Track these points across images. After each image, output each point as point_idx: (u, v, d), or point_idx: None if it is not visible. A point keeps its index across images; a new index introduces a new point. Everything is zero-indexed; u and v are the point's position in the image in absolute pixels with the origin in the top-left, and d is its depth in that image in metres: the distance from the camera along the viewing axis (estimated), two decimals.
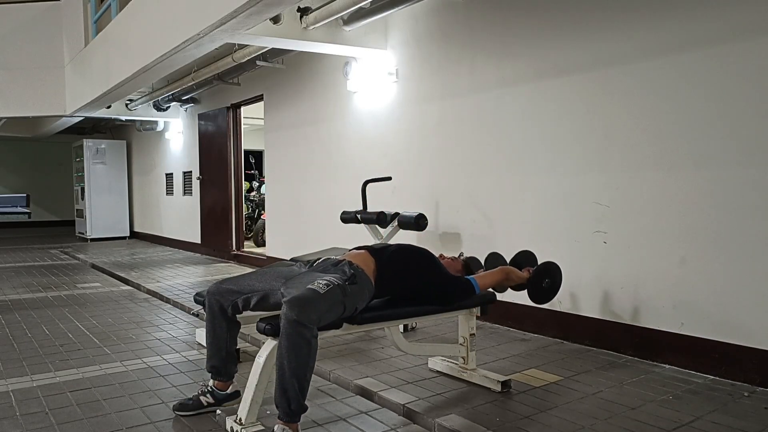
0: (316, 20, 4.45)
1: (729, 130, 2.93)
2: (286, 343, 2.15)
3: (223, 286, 2.58)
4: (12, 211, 6.80)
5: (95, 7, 7.06)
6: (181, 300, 5.12)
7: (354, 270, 2.47)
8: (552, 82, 3.75)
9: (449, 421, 2.45)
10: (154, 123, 10.18)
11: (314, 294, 2.24)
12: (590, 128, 3.55)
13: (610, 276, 3.48)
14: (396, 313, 2.63)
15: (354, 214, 4.27)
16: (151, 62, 5.12)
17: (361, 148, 5.49)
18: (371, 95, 5.29)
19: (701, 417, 2.49)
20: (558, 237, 3.76)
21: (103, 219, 11.33)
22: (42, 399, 2.83)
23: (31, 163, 14.39)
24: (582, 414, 2.54)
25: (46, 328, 4.31)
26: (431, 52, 4.65)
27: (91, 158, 11.17)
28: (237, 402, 2.59)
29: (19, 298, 5.55)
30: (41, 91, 7.95)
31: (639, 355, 3.32)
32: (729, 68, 2.92)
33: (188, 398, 2.67)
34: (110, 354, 3.60)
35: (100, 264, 7.74)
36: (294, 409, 2.19)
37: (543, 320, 3.85)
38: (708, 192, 3.01)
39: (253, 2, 3.41)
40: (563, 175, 3.72)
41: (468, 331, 2.97)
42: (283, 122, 6.80)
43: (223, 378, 2.64)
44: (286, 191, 6.87)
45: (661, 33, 3.17)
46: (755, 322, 2.86)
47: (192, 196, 9.28)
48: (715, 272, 3.00)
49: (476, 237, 4.29)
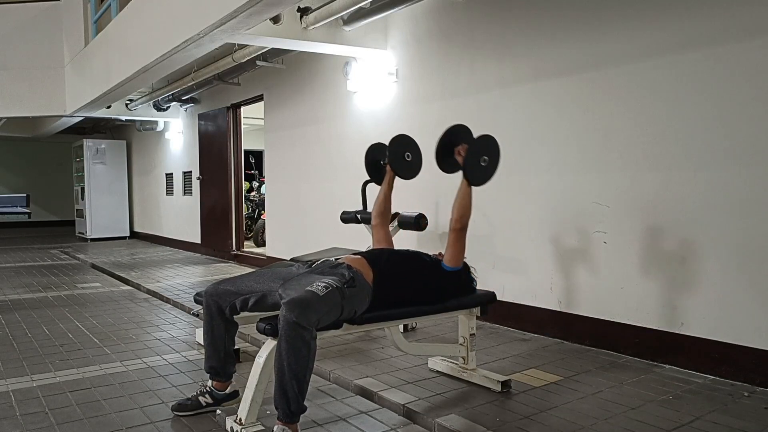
0: (316, 20, 4.45)
1: (728, 130, 2.93)
2: (285, 344, 2.15)
3: (221, 287, 2.58)
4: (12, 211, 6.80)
5: (95, 7, 7.06)
6: (181, 300, 5.12)
7: (353, 273, 2.46)
8: (552, 82, 3.75)
9: (449, 421, 2.45)
10: (154, 123, 10.18)
11: (313, 296, 2.24)
12: (590, 128, 3.55)
13: (610, 276, 3.48)
14: (396, 313, 2.63)
15: (354, 214, 4.27)
16: (151, 62, 5.12)
17: (361, 148, 5.42)
18: (371, 95, 5.29)
19: (701, 417, 2.49)
20: (558, 237, 3.76)
21: (103, 219, 11.33)
22: (42, 399, 2.83)
23: (31, 163, 14.40)
24: (582, 414, 2.54)
25: (46, 328, 4.31)
26: (431, 52, 4.65)
27: (91, 158, 11.17)
28: (236, 402, 2.60)
29: (19, 298, 5.55)
30: (41, 91, 7.95)
31: (639, 355, 3.32)
32: (728, 68, 2.92)
33: (187, 398, 2.67)
34: (110, 354, 3.60)
35: (100, 264, 7.74)
36: (293, 410, 2.20)
37: (543, 320, 3.85)
38: (708, 192, 3.01)
39: (253, 2, 3.41)
40: (563, 175, 3.72)
41: (468, 331, 2.96)
42: (283, 122, 6.80)
43: (221, 378, 2.64)
44: (286, 191, 6.87)
45: (661, 33, 3.17)
46: (755, 322, 2.86)
47: (192, 196, 9.28)
48: (715, 272, 3.00)
49: (476, 237, 4.29)
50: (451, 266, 2.75)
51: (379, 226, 3.06)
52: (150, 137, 10.91)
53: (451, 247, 2.74)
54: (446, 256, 2.77)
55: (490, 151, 2.76)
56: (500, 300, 3.12)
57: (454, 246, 2.74)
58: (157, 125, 10.24)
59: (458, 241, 2.73)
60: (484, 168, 2.75)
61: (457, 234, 2.72)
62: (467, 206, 2.72)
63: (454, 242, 2.73)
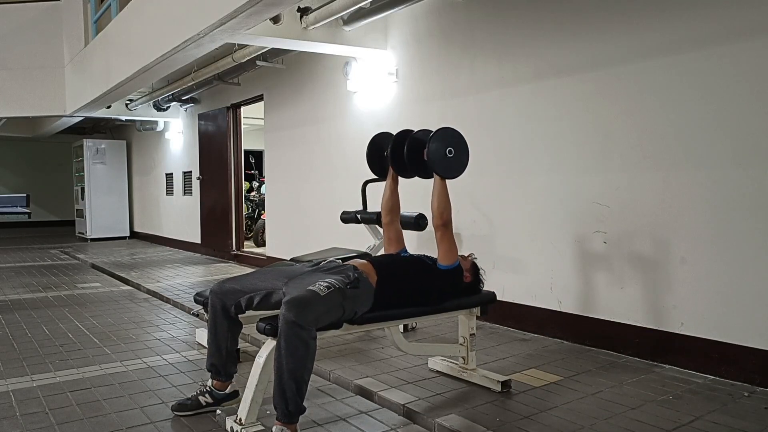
0: (316, 20, 4.45)
1: (728, 130, 2.93)
2: (284, 344, 2.15)
3: (226, 286, 2.58)
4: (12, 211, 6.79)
5: (95, 7, 7.07)
6: (181, 300, 5.12)
7: (357, 274, 2.46)
8: (552, 83, 3.75)
9: (449, 421, 2.45)
10: (154, 123, 10.18)
11: (313, 295, 2.24)
12: (590, 128, 3.55)
13: (610, 276, 3.48)
14: (396, 313, 2.63)
15: (354, 214, 4.27)
16: (151, 62, 5.12)
17: (361, 148, 5.44)
18: (371, 95, 5.29)
19: (701, 417, 2.49)
20: (558, 237, 3.76)
21: (103, 219, 11.33)
22: (42, 399, 2.83)
23: (31, 163, 14.40)
24: (582, 414, 2.54)
25: (46, 328, 4.31)
26: (431, 52, 4.65)
27: (91, 158, 11.17)
28: (236, 402, 2.60)
29: (19, 298, 5.55)
30: (41, 91, 7.95)
31: (639, 355, 3.32)
32: (728, 68, 2.92)
33: (187, 398, 2.67)
34: (110, 354, 3.60)
35: (100, 264, 7.74)
36: (292, 411, 2.19)
37: (543, 320, 3.85)
38: (708, 192, 3.01)
39: (253, 2, 3.41)
40: (563, 175, 3.71)
41: (468, 331, 2.96)
42: (283, 122, 6.80)
43: (222, 378, 2.64)
44: (286, 191, 6.87)
45: (661, 33, 3.17)
46: (755, 322, 2.86)
47: (192, 196, 9.28)
48: (715, 272, 3.00)
49: (476, 237, 4.29)
50: (446, 264, 2.72)
51: (390, 224, 2.98)
52: (150, 137, 10.91)
53: (440, 244, 2.72)
54: (439, 256, 2.74)
55: (453, 142, 2.74)
56: (500, 300, 3.11)
57: (442, 243, 2.71)
58: (157, 125, 10.24)
59: (445, 238, 2.71)
60: (451, 159, 2.72)
61: (442, 231, 2.70)
62: (445, 201, 2.70)
63: (441, 239, 2.71)
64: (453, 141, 2.75)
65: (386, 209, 3.00)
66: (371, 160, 3.15)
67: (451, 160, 2.73)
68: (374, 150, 3.15)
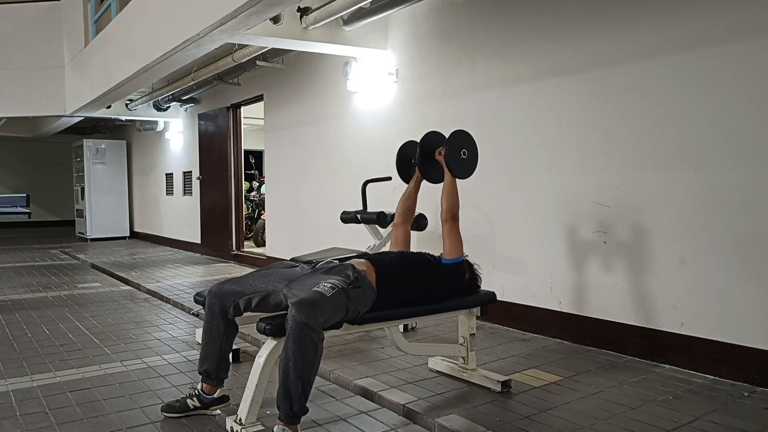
0: (316, 20, 4.45)
1: (728, 131, 2.93)
2: (292, 344, 2.14)
3: (225, 287, 2.57)
4: (12, 211, 6.79)
5: (95, 7, 7.06)
6: (181, 300, 5.12)
7: (357, 274, 2.47)
8: (552, 83, 3.75)
9: (449, 421, 2.45)
10: (154, 123, 10.18)
11: (321, 297, 2.25)
12: (590, 128, 3.55)
13: (609, 276, 3.48)
14: (396, 313, 2.63)
15: (354, 214, 4.27)
16: (151, 62, 5.12)
17: (361, 148, 5.49)
18: (371, 95, 5.29)
19: (701, 417, 2.49)
20: (558, 237, 3.76)
21: (103, 219, 11.33)
22: (42, 399, 2.83)
23: (31, 163, 14.39)
24: (582, 414, 2.54)
25: (46, 328, 4.31)
26: (431, 52, 4.65)
27: (91, 158, 11.17)
28: (224, 407, 2.60)
29: (19, 298, 5.55)
30: (41, 91, 7.95)
31: (639, 355, 3.32)
32: (728, 68, 2.92)
33: (176, 400, 2.65)
34: (110, 354, 3.60)
35: (100, 264, 7.74)
36: (296, 411, 2.19)
37: (543, 320, 3.85)
38: (708, 192, 3.01)
39: (253, 2, 3.41)
40: (563, 175, 3.72)
41: (468, 331, 2.96)
42: (283, 122, 6.80)
43: (212, 381, 2.61)
44: (286, 191, 6.87)
45: (661, 33, 3.17)
46: (755, 322, 2.86)
47: (192, 196, 9.28)
48: (715, 272, 3.00)
49: (476, 237, 4.29)
50: (451, 258, 2.78)
51: (400, 225, 3.07)
52: (150, 137, 10.91)
53: (447, 238, 2.81)
54: (444, 249, 2.82)
55: (467, 144, 2.90)
56: (500, 300, 3.11)
57: (449, 237, 2.80)
58: (157, 125, 10.24)
59: (452, 232, 2.80)
60: (464, 160, 2.89)
61: (449, 225, 2.81)
62: (454, 197, 2.84)
63: (448, 233, 2.80)
64: (467, 143, 2.91)
65: (401, 210, 3.09)
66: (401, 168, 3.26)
67: (464, 161, 2.89)
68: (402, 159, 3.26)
